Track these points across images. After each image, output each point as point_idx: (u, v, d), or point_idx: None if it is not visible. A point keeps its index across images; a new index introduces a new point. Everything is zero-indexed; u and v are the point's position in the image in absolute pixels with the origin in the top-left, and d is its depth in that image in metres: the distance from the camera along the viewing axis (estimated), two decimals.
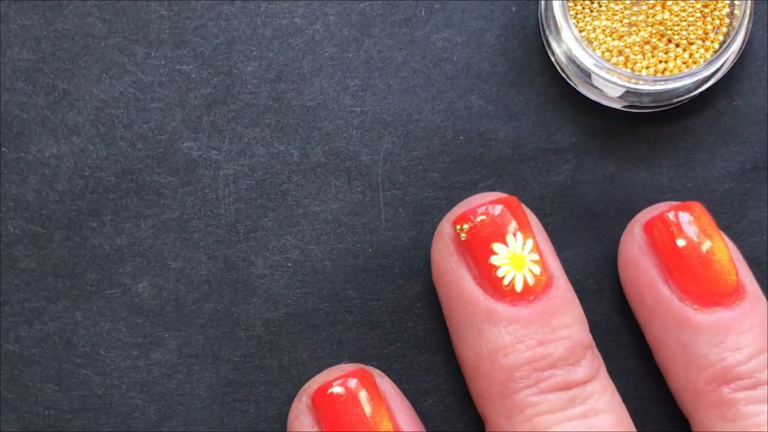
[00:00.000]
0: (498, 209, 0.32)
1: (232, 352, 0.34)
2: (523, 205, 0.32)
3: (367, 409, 0.31)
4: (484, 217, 0.31)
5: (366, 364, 0.33)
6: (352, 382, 0.31)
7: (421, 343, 0.34)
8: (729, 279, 0.31)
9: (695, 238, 0.31)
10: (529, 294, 0.31)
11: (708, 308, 0.31)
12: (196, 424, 0.34)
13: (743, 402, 0.31)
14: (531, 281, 0.31)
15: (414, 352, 0.34)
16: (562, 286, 0.32)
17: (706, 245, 0.31)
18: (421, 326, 0.34)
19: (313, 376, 0.32)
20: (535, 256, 0.31)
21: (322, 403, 0.31)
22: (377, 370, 0.33)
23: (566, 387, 0.31)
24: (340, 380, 0.31)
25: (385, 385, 0.32)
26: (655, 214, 0.32)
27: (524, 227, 0.32)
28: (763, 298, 0.32)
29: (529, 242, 0.31)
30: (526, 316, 0.31)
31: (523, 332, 0.31)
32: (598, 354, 0.32)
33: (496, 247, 0.31)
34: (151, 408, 0.34)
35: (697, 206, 0.32)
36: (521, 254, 0.31)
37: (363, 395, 0.31)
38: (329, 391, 0.31)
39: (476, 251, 0.31)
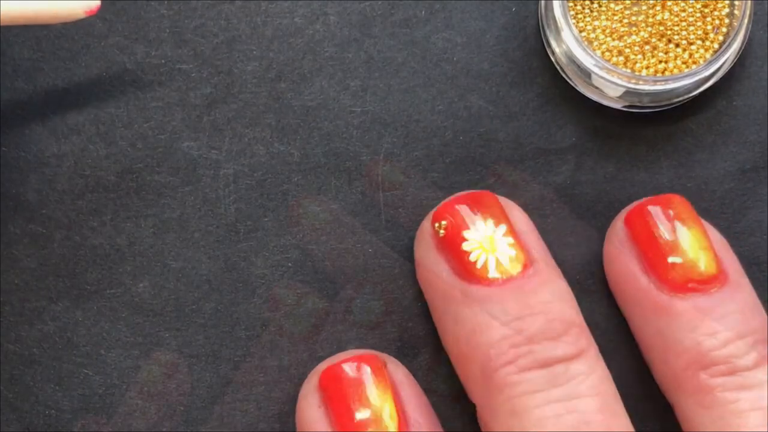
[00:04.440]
0: (469, 200, 0.32)
1: (232, 352, 0.34)
2: (499, 196, 0.33)
3: (372, 392, 0.31)
4: (456, 209, 0.32)
5: None
6: (359, 365, 0.31)
7: (421, 343, 0.34)
8: (706, 266, 0.31)
9: (672, 227, 0.32)
10: (503, 275, 0.31)
11: (685, 294, 0.31)
12: (196, 424, 0.34)
13: (720, 388, 0.30)
14: (506, 263, 0.31)
15: (414, 351, 0.34)
16: (542, 267, 0.32)
17: (683, 233, 0.32)
18: (421, 326, 0.34)
19: None
20: (510, 240, 0.31)
21: (328, 384, 0.31)
22: (393, 359, 0.33)
23: (545, 364, 0.30)
24: (348, 363, 0.31)
25: (399, 373, 0.32)
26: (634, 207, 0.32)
27: (497, 215, 0.32)
28: (746, 286, 0.32)
29: (502, 227, 0.32)
30: (499, 294, 0.31)
31: (497, 309, 0.31)
32: (589, 335, 0.32)
33: (467, 233, 0.31)
34: (151, 408, 0.34)
35: (676, 198, 0.32)
36: (493, 238, 0.31)
37: (368, 378, 0.31)
38: (335, 373, 0.31)
39: (450, 242, 0.32)
